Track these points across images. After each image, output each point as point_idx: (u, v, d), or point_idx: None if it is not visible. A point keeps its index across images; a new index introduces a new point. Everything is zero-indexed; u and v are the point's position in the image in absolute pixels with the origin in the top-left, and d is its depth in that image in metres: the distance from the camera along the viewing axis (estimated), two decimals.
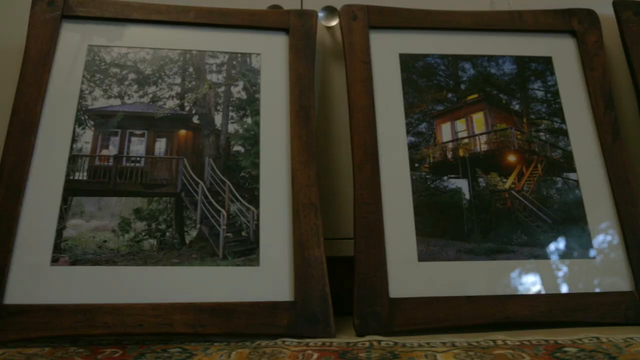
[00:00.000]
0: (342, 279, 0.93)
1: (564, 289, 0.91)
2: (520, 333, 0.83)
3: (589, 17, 1.09)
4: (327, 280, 0.87)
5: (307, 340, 0.81)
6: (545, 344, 0.77)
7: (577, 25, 1.08)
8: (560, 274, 0.92)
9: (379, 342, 0.79)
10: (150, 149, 0.91)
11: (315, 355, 0.73)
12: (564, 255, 0.93)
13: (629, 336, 0.79)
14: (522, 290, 0.90)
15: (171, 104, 0.95)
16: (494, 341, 0.78)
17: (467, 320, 0.87)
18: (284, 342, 0.80)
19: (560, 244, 0.94)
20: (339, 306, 0.91)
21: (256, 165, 0.93)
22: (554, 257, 0.92)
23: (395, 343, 0.79)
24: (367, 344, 0.79)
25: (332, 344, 0.79)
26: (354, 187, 0.93)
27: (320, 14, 1.08)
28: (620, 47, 1.09)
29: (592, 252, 0.93)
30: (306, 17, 1.05)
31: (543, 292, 0.90)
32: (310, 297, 0.85)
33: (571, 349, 0.73)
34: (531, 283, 0.90)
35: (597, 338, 0.78)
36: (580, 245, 0.94)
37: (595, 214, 0.96)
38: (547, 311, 0.89)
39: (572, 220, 0.95)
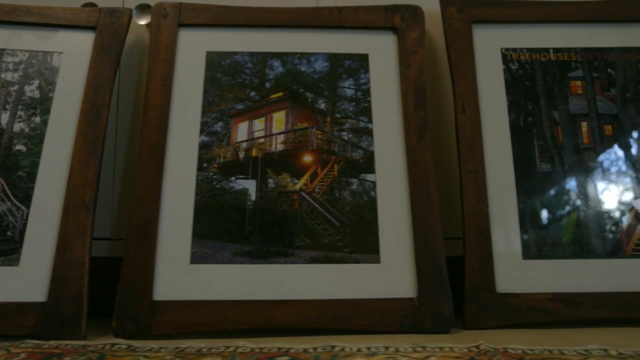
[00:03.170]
0: None
1: (341, 294, 0.87)
2: (272, 339, 0.80)
3: (414, 13, 1.05)
4: (87, 281, 0.85)
5: (49, 342, 0.80)
6: (276, 352, 0.74)
7: (400, 21, 1.05)
8: (339, 278, 0.88)
9: (112, 345, 0.78)
10: None
11: (23, 355, 0.72)
12: (346, 259, 0.89)
13: (373, 344, 0.76)
14: (294, 295, 0.87)
15: None
16: (227, 347, 0.76)
17: (228, 325, 0.84)
18: (21, 343, 0.79)
19: (345, 247, 0.90)
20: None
21: (36, 165, 0.92)
22: (336, 261, 0.89)
23: (129, 346, 0.77)
24: (100, 346, 0.77)
25: (66, 346, 0.78)
26: (135, 187, 0.92)
27: (135, 12, 1.07)
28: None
29: (378, 257, 0.90)
30: (118, 15, 1.03)
31: (317, 297, 0.86)
32: (64, 298, 0.84)
33: (281, 357, 0.70)
34: (306, 288, 0.87)
35: (332, 346, 0.75)
36: (364, 249, 0.90)
37: (388, 217, 0.92)
38: (317, 317, 0.85)
39: (362, 223, 0.92)
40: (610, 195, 0.96)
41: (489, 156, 0.97)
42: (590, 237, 0.94)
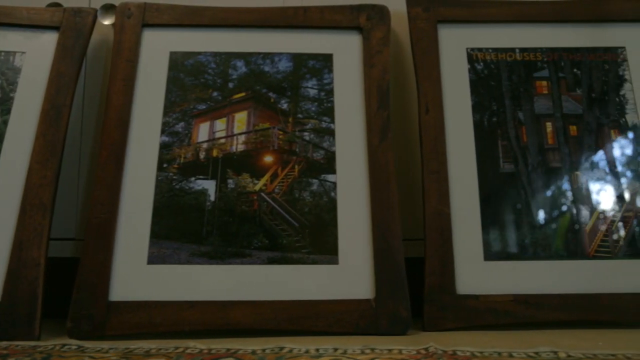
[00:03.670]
0: None
1: (298, 295, 0.86)
2: (224, 341, 0.79)
3: (380, 13, 1.04)
4: (42, 281, 0.85)
5: (1, 342, 0.80)
6: (224, 353, 0.73)
7: (365, 21, 1.04)
8: (296, 279, 0.88)
9: (63, 346, 0.77)
10: None
11: None
12: (304, 260, 0.89)
13: (322, 346, 0.75)
14: (251, 296, 0.86)
15: None
16: (177, 348, 0.75)
17: (184, 326, 0.84)
18: None
19: (303, 248, 0.90)
20: None
21: None
22: (293, 262, 0.89)
23: (79, 347, 0.77)
24: (50, 346, 0.77)
25: (16, 347, 0.78)
26: (93, 187, 0.92)
27: (101, 12, 1.07)
28: None
29: (337, 258, 0.89)
30: (82, 15, 1.03)
31: (273, 298, 0.86)
32: (18, 299, 0.84)
33: (227, 358, 0.70)
34: (262, 289, 0.87)
35: (281, 347, 0.74)
36: (323, 250, 0.90)
37: (348, 218, 0.92)
38: (273, 319, 0.85)
39: (321, 224, 0.91)
40: (574, 195, 0.95)
41: (452, 157, 0.96)
42: (553, 238, 0.93)
